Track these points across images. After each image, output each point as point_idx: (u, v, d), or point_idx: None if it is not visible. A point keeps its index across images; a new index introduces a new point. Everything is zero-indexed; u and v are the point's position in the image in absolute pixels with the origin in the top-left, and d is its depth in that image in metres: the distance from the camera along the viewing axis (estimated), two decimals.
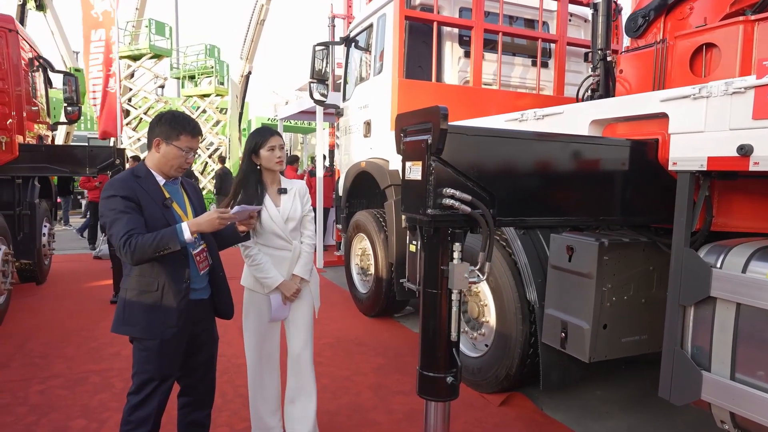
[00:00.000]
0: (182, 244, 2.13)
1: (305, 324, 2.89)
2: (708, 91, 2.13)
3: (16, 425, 3.22)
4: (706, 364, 2.20)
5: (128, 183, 2.22)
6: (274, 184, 2.82)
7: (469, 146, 2.02)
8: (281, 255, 2.79)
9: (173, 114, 2.33)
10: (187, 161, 2.32)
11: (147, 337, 2.26)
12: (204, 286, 2.43)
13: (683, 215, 2.23)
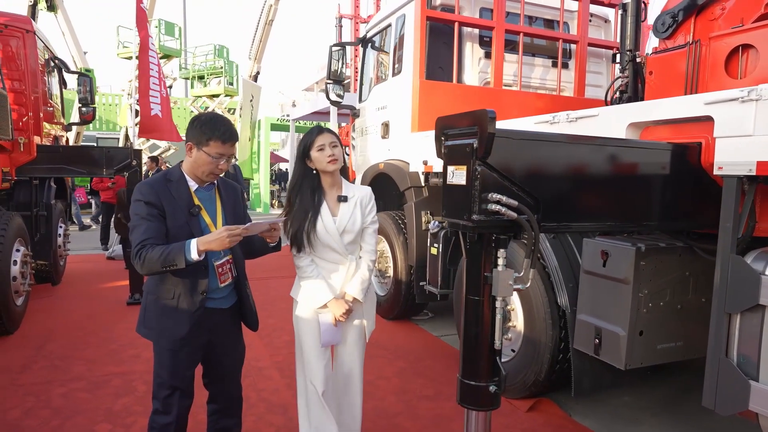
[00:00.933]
0: (189, 262, 2.04)
1: (353, 347, 2.64)
2: (758, 94, 2.08)
3: (42, 428, 3.20)
4: (753, 374, 2.14)
5: (155, 188, 2.17)
6: (334, 188, 2.56)
7: (513, 150, 1.98)
8: (335, 270, 2.55)
9: (207, 117, 2.24)
10: (219, 168, 2.22)
11: (160, 343, 2.27)
12: (225, 295, 2.36)
13: (729, 221, 2.18)
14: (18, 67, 6.16)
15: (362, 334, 2.67)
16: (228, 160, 2.23)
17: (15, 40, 6.12)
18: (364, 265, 2.58)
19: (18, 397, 3.62)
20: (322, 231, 2.47)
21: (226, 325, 2.40)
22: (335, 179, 2.54)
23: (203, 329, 2.28)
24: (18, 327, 5.09)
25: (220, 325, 2.36)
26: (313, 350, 2.57)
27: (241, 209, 2.43)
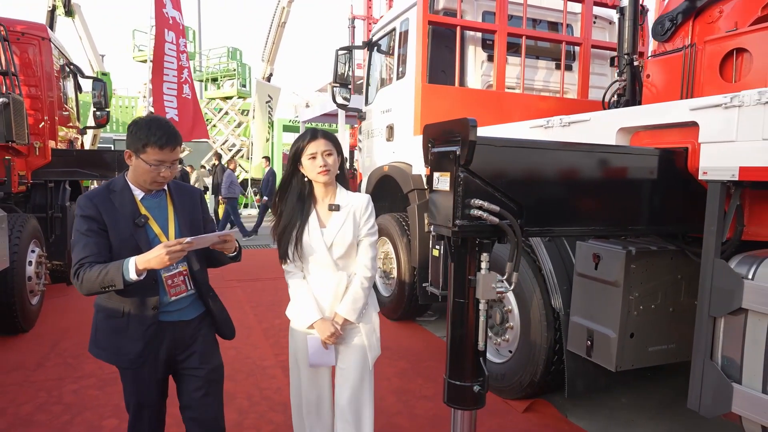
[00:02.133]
0: (127, 282, 1.87)
1: (354, 376, 2.35)
2: (740, 101, 2.11)
3: (52, 423, 3.33)
4: (736, 377, 2.18)
5: (95, 200, 2.01)
6: (327, 197, 2.33)
7: (496, 157, 2.04)
8: (326, 287, 2.32)
9: (144, 121, 2.02)
10: (162, 175, 2.02)
11: (115, 364, 2.11)
12: (184, 307, 2.15)
13: (713, 225, 2.21)
14: (34, 73, 6.35)
15: (364, 359, 2.37)
16: (171, 167, 2.03)
17: (31, 47, 6.31)
18: (356, 283, 2.31)
19: (31, 393, 3.76)
20: (308, 244, 2.27)
21: (191, 337, 2.18)
22: (329, 188, 2.32)
23: (162, 344, 2.10)
24: (33, 326, 5.25)
25: (183, 337, 2.16)
26: (307, 373, 2.41)
27: (198, 216, 2.22)
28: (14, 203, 5.89)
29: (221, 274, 8.03)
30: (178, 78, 11.46)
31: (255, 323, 5.58)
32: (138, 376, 2.10)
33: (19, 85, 5.73)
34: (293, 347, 2.46)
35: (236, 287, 7.28)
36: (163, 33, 11.37)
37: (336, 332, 2.28)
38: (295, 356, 2.46)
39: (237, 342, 4.73)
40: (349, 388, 2.36)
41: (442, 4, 5.24)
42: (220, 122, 21.79)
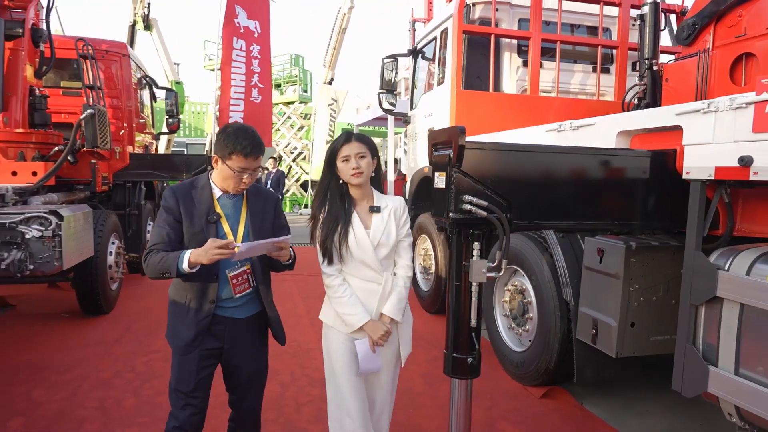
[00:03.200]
0: (180, 272, 2.02)
1: (387, 374, 2.39)
2: (716, 106, 2.30)
3: (126, 387, 3.91)
4: (714, 360, 2.36)
5: (177, 193, 2.17)
6: (365, 199, 2.34)
7: (487, 159, 2.34)
8: (369, 288, 2.30)
9: (232, 129, 2.14)
10: (243, 182, 2.14)
11: (170, 343, 2.27)
12: (240, 305, 2.26)
13: (694, 221, 2.40)
14: (116, 86, 7.18)
15: (397, 358, 2.41)
16: (253, 174, 2.15)
17: (114, 63, 7.14)
18: (400, 283, 2.33)
19: (109, 363, 4.38)
20: (354, 244, 2.25)
21: (243, 335, 2.28)
22: (365, 190, 2.32)
23: (214, 337, 2.22)
24: (113, 308, 5.98)
25: (235, 334, 2.26)
26: (348, 382, 2.30)
27: (269, 219, 2.31)
28: (98, 201, 6.68)
29: None
30: (246, 82, 12.14)
31: (304, 313, 6.06)
32: (183, 362, 2.22)
33: (103, 97, 6.52)
34: (331, 356, 2.36)
35: (290, 281, 7.81)
36: (231, 41, 12.12)
37: (388, 331, 2.27)
38: (332, 366, 2.35)
39: (288, 328, 5.22)
40: (380, 386, 2.39)
41: (478, 14, 5.51)
42: (283, 126, 22.79)
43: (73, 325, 5.44)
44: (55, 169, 5.56)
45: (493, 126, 4.77)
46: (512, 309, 4.15)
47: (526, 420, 3.50)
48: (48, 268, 4.43)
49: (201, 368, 2.23)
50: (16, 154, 5.68)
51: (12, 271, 4.31)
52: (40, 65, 6.29)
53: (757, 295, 2.15)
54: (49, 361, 4.43)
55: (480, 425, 3.41)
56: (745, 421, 2.31)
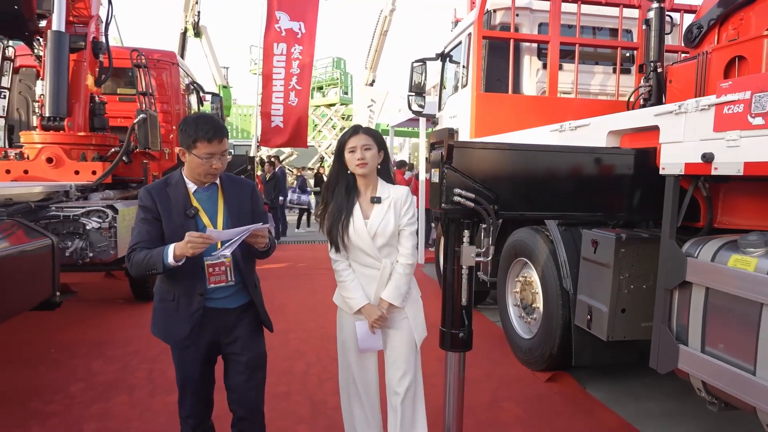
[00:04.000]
0: (166, 267, 2.04)
1: (403, 357, 2.52)
2: (685, 108, 2.52)
3: (170, 362, 4.37)
4: (684, 340, 2.58)
5: (152, 192, 2.20)
6: (369, 190, 2.48)
7: (475, 157, 2.64)
8: (370, 274, 2.46)
9: (190, 119, 2.18)
10: (213, 167, 2.16)
11: (166, 342, 2.31)
12: (228, 296, 2.27)
13: (669, 212, 2.63)
14: (166, 92, 7.80)
15: (411, 345, 2.55)
16: (222, 158, 2.18)
17: (164, 71, 7.76)
18: (399, 270, 2.45)
19: (157, 341, 4.69)
20: (354, 234, 2.41)
21: (234, 324, 2.31)
22: (369, 180, 2.47)
23: (206, 329, 2.25)
24: None
25: (228, 324, 2.30)
26: (355, 356, 2.54)
27: (247, 208, 2.32)
28: None
29: (312, 264, 9.10)
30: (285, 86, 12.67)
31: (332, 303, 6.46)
32: (183, 356, 2.27)
33: (154, 103, 7.13)
34: (341, 333, 2.59)
35: (325, 275, 8.23)
36: (272, 47, 12.69)
37: (382, 316, 2.42)
38: (342, 342, 2.58)
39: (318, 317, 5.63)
40: (398, 369, 2.52)
41: (499, 20, 5.76)
42: (324, 127, 23.44)
43: (126, 309, 6.04)
44: (112, 169, 6.17)
45: (512, 126, 5.01)
46: (522, 299, 4.40)
47: (528, 400, 3.75)
48: (105, 256, 4.99)
49: (203, 360, 2.29)
50: (78, 155, 6.32)
51: (74, 258, 4.88)
52: (100, 74, 6.96)
53: (718, 279, 2.37)
54: (106, 338, 4.99)
55: (485, 404, 3.69)
56: (711, 395, 2.52)
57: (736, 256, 2.31)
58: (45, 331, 5.15)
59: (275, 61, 12.31)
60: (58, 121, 6.25)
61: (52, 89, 6.23)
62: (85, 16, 6.77)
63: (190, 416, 2.35)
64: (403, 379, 2.53)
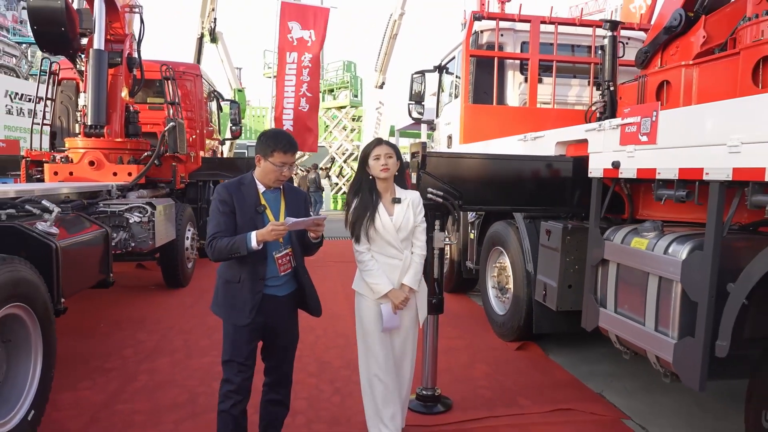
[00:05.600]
0: (249, 250, 2.39)
1: (407, 332, 2.96)
2: (603, 126, 3.29)
3: (202, 333, 5.24)
4: (604, 304, 3.35)
5: (229, 189, 2.54)
6: (388, 192, 2.87)
7: (444, 163, 3.43)
8: (392, 263, 2.85)
9: (271, 133, 2.64)
10: (283, 174, 2.54)
11: (226, 320, 2.59)
12: (282, 284, 2.62)
13: (593, 207, 3.40)
14: (190, 101, 8.66)
15: (415, 321, 3.01)
16: (291, 168, 2.58)
17: (189, 82, 8.63)
18: (416, 260, 2.89)
19: (189, 318, 5.75)
20: (380, 228, 2.80)
21: (281, 311, 2.64)
22: (388, 185, 2.86)
23: (261, 313, 2.55)
24: (188, 282, 7.42)
25: (275, 310, 2.61)
26: (377, 337, 2.89)
27: (302, 212, 2.72)
28: (175, 197, 8.16)
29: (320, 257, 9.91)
30: (296, 92, 13.53)
31: (340, 289, 7.27)
32: (237, 334, 2.55)
33: (180, 111, 7.99)
34: (362, 316, 2.93)
35: (332, 267, 9.05)
36: (285, 56, 13.53)
37: (407, 298, 2.85)
38: (364, 323, 2.92)
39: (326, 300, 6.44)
40: (401, 340, 2.97)
41: (486, 39, 6.53)
42: (335, 129, 24.28)
43: (160, 294, 6.90)
44: (146, 170, 7.03)
45: (497, 133, 5.77)
46: (498, 282, 5.18)
47: (498, 363, 4.53)
48: (144, 245, 5.84)
49: (252, 339, 2.60)
50: (116, 159, 7.19)
51: (119, 247, 5.74)
52: (133, 86, 7.84)
53: (624, 257, 3.14)
54: (146, 316, 5.84)
55: (462, 365, 4.47)
56: (623, 345, 3.28)
57: (636, 239, 3.08)
58: (91, 311, 6.01)
59: (287, 69, 13.15)
60: (99, 129, 7.11)
61: (93, 101, 7.10)
62: (121, 35, 7.64)
63: (236, 392, 2.60)
64: (405, 353, 3.00)
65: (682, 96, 3.89)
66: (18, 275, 2.91)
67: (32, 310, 3.04)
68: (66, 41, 7.05)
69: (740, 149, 2.27)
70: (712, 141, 2.44)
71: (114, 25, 7.53)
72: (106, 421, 3.44)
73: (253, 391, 2.73)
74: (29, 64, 38.27)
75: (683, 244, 2.72)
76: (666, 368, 2.87)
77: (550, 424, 3.46)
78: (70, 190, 5.45)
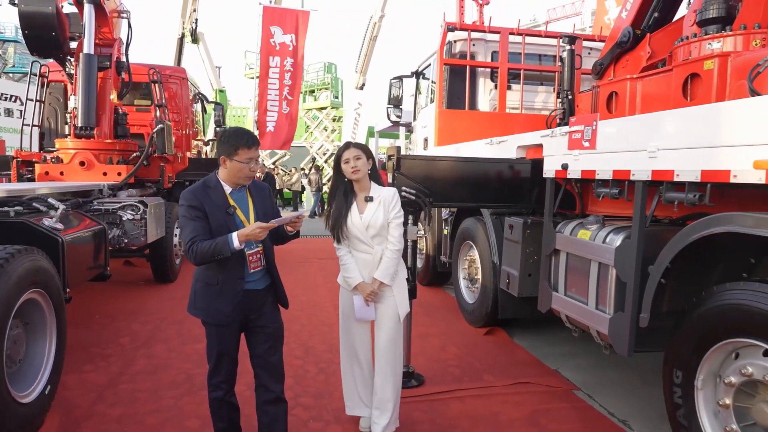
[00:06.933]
0: (232, 251, 2.42)
1: (388, 327, 3.07)
2: (554, 133, 3.76)
3: (194, 323, 5.58)
4: (556, 288, 3.82)
5: (197, 194, 2.55)
6: (362, 191, 3.04)
7: (416, 165, 3.87)
8: (365, 258, 3.03)
9: (230, 132, 2.61)
10: (251, 170, 2.56)
11: (209, 321, 2.64)
12: (258, 279, 2.69)
13: (548, 203, 3.88)
14: (176, 103, 8.97)
15: (396, 317, 3.10)
16: (256, 163, 2.60)
17: (175, 85, 8.93)
18: (388, 254, 3.01)
19: (180, 310, 6.08)
20: (351, 225, 2.99)
21: (262, 303, 2.72)
22: (363, 184, 3.03)
23: (242, 307, 2.62)
24: (176, 277, 7.75)
25: (256, 302, 2.68)
26: (354, 326, 3.15)
27: (269, 205, 2.80)
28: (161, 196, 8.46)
29: (304, 254, 10.30)
30: (279, 95, 13.90)
31: (322, 283, 7.68)
32: (222, 332, 2.63)
33: (167, 113, 8.30)
34: (342, 306, 3.20)
35: (315, 263, 9.45)
36: (268, 60, 13.88)
37: (374, 291, 3.00)
38: (343, 313, 3.20)
39: (310, 293, 6.84)
40: (385, 335, 3.09)
41: (459, 48, 6.99)
42: (316, 129, 24.61)
43: (149, 289, 7.22)
44: (135, 170, 7.33)
45: (469, 137, 6.21)
46: (469, 274, 5.65)
47: (467, 346, 4.99)
48: (137, 241, 6.16)
49: (237, 334, 2.71)
50: (106, 159, 7.48)
51: (112, 243, 6.05)
52: (121, 89, 8.12)
53: (572, 246, 3.61)
54: (138, 309, 6.18)
55: (435, 348, 4.92)
56: (572, 324, 3.76)
57: (582, 231, 3.56)
58: (86, 304, 6.32)
59: (270, 73, 13.53)
60: (89, 131, 7.39)
61: (83, 103, 7.36)
62: (109, 39, 7.91)
63: (225, 381, 2.74)
64: (388, 345, 3.10)
65: (628, 106, 4.39)
66: (38, 264, 3.27)
67: (48, 296, 3.40)
68: (56, 45, 7.31)
69: (656, 155, 2.76)
70: (636, 147, 2.92)
71: (103, 29, 7.79)
72: (112, 399, 3.80)
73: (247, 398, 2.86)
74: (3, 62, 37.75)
75: (617, 234, 3.20)
76: (605, 341, 3.35)
77: (511, 394, 3.92)
78: (64, 189, 5.75)
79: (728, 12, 3.90)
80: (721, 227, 2.43)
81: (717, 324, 2.46)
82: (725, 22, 3.90)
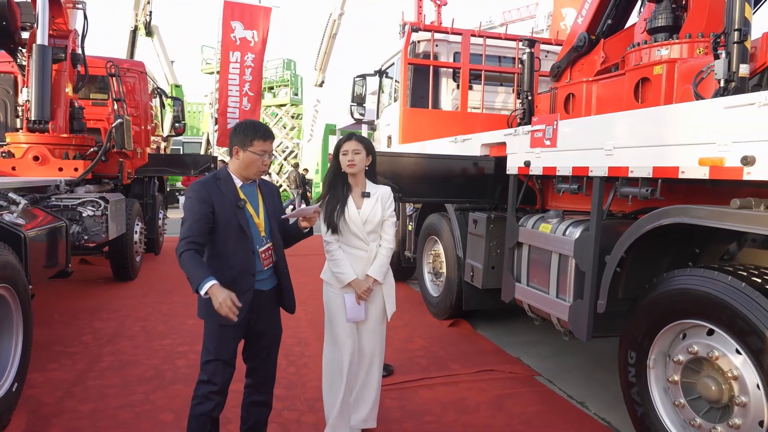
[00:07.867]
0: (196, 291, 2.27)
1: (375, 326, 2.99)
2: (517, 132, 3.96)
3: (158, 320, 5.54)
4: (519, 279, 4.03)
5: (207, 187, 2.46)
6: (358, 186, 2.95)
7: (385, 161, 3.99)
8: (358, 254, 2.90)
9: (246, 123, 2.56)
10: (264, 163, 2.52)
11: (212, 320, 2.45)
12: (265, 278, 2.58)
13: (511, 198, 4.08)
14: (135, 98, 8.77)
15: (383, 315, 3.04)
16: (270, 156, 2.54)
17: (133, 79, 8.73)
18: (383, 252, 2.93)
19: (143, 307, 6.02)
20: (348, 219, 2.87)
21: (266, 306, 2.60)
22: (358, 179, 2.94)
23: (246, 308, 2.44)
24: (137, 275, 7.61)
25: (260, 305, 2.55)
26: (342, 325, 2.91)
27: (278, 204, 2.74)
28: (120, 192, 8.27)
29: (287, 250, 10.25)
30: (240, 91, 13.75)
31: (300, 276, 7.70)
32: (222, 333, 2.46)
33: (126, 108, 8.11)
34: (329, 306, 2.97)
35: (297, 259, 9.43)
36: (228, 55, 13.70)
37: (369, 288, 2.89)
38: (329, 314, 2.98)
39: None
40: (373, 336, 3.01)
41: (422, 48, 7.16)
42: (275, 127, 24.41)
43: (109, 287, 7.07)
44: (93, 166, 7.14)
45: (432, 135, 6.40)
46: (434, 268, 5.82)
47: (433, 337, 5.16)
48: (97, 238, 6.03)
49: (237, 336, 2.55)
50: (62, 154, 7.26)
51: (73, 240, 5.91)
52: (77, 82, 7.89)
53: (534, 239, 3.82)
54: (100, 306, 6.05)
55: (401, 339, 5.06)
56: (534, 313, 3.98)
57: (543, 224, 3.77)
58: (43, 302, 6.13)
59: (231, 68, 13.35)
60: (43, 124, 7.14)
61: (37, 96, 7.11)
62: (64, 30, 7.67)
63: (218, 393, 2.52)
64: (375, 348, 3.04)
65: (584, 107, 4.65)
66: (4, 259, 3.20)
67: (15, 292, 3.33)
68: (6, 35, 7.04)
69: (613, 152, 2.98)
70: (594, 145, 3.14)
71: (57, 20, 7.55)
72: (80, 395, 3.75)
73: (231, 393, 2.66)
74: None
75: (576, 227, 3.42)
76: (565, 327, 3.57)
77: (476, 381, 4.10)
78: (18, 184, 5.58)
79: (675, 21, 4.21)
80: (670, 219, 2.66)
81: (666, 307, 2.69)
82: (672, 31, 4.21)
